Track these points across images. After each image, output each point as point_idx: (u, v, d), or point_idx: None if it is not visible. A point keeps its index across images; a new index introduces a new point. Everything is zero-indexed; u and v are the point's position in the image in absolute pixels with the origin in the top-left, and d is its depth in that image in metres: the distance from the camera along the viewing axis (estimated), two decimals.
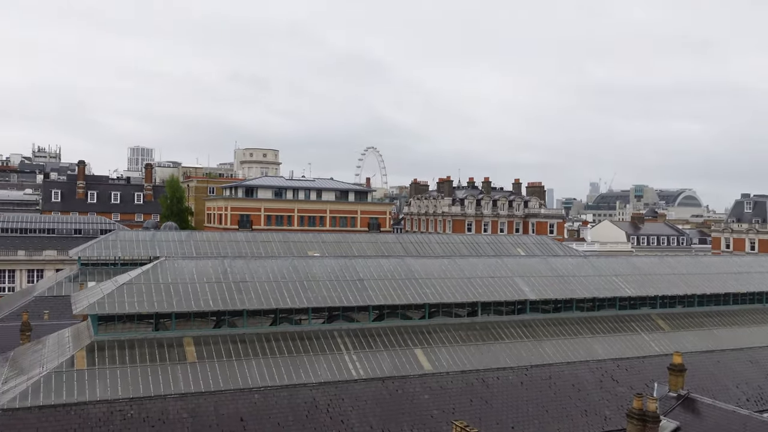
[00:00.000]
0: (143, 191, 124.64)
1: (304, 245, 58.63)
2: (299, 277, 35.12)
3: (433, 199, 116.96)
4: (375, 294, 35.23)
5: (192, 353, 29.54)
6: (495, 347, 34.95)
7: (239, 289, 32.95)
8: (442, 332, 35.16)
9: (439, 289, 36.88)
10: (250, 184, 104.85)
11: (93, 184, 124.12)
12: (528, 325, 37.47)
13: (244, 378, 28.77)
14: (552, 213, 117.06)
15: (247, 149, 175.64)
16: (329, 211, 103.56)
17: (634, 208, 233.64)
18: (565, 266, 42.83)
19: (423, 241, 62.75)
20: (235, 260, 35.89)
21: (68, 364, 27.35)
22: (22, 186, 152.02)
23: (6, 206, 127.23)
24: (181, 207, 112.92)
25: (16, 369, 29.45)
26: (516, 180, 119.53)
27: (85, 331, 30.82)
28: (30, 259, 78.73)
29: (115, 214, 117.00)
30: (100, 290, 31.32)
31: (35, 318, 44.55)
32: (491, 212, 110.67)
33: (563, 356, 35.47)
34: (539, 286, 39.55)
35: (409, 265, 39.05)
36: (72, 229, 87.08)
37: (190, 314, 31.31)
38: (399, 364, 31.95)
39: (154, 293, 31.04)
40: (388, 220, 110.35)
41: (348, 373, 30.54)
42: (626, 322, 40.03)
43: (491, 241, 65.57)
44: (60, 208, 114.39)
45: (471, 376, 32.38)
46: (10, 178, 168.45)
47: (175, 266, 33.59)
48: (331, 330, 33.32)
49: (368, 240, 61.73)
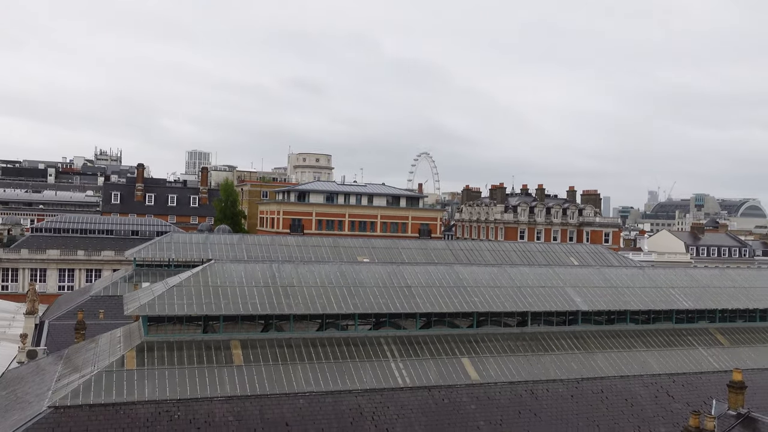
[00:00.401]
0: (199, 194, 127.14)
1: (354, 250, 58.61)
2: (347, 282, 35.01)
3: (485, 205, 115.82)
4: (422, 301, 34.85)
5: (239, 356, 29.70)
6: (545, 358, 34.14)
7: (287, 293, 33.03)
8: (490, 342, 34.54)
9: (488, 298, 36.27)
10: (302, 188, 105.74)
11: (151, 187, 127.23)
12: (579, 336, 36.51)
13: (289, 382, 28.76)
14: (608, 222, 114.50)
15: (300, 154, 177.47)
16: (380, 217, 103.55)
17: (694, 217, 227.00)
18: (620, 277, 41.63)
19: (473, 248, 62.03)
20: (283, 264, 36.03)
21: (118, 364, 27.82)
22: (84, 188, 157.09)
23: (68, 207, 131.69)
24: (235, 210, 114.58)
25: (69, 367, 30.12)
26: (570, 187, 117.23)
27: (136, 332, 31.35)
28: (89, 259, 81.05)
29: (172, 216, 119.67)
30: (151, 292, 31.80)
31: (91, 317, 45.73)
32: (544, 220, 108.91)
33: (616, 369, 34.41)
34: (592, 296, 38.52)
35: (458, 272, 38.55)
36: (129, 230, 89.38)
37: (238, 317, 31.53)
38: (446, 373, 31.48)
39: (203, 296, 31.34)
40: (439, 226, 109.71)
41: (394, 381, 30.24)
42: (683, 336, 38.63)
43: (544, 249, 64.35)
44: (119, 210, 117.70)
45: (519, 387, 31.69)
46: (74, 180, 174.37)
47: (224, 269, 33.89)
48: (377, 336, 33.09)
49: (418, 246, 61.32)
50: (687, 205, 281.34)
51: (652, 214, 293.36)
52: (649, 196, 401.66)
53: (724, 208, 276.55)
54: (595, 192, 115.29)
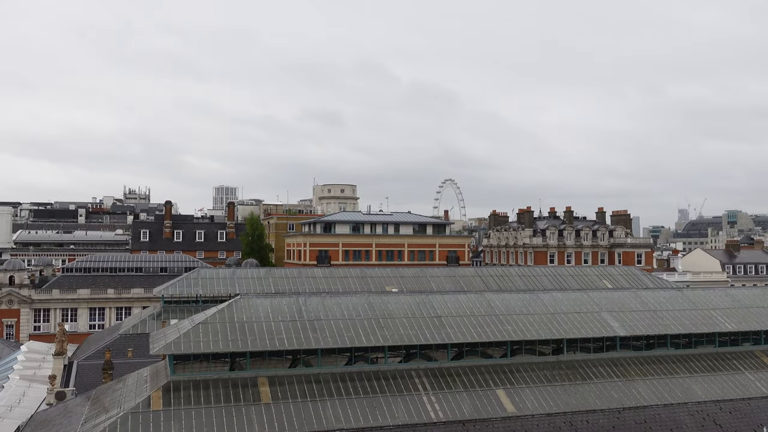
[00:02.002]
0: (226, 229, 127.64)
1: (382, 280, 57.85)
2: (375, 314, 34.22)
3: (513, 230, 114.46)
4: (453, 331, 33.88)
5: (267, 393, 28.98)
6: (583, 388, 32.84)
7: (314, 327, 32.33)
8: (525, 371, 33.37)
9: (521, 326, 35.18)
10: (328, 219, 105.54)
11: (179, 223, 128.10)
12: (618, 363, 35.15)
13: (319, 420, 27.93)
14: (639, 242, 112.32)
15: (325, 185, 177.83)
16: (407, 245, 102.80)
17: (728, 234, 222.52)
18: (657, 299, 40.24)
19: (503, 274, 60.88)
20: (310, 297, 35.39)
21: (145, 405, 27.26)
22: (114, 227, 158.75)
23: (98, 246, 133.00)
24: (262, 244, 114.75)
25: (96, 408, 29.66)
26: (599, 209, 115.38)
27: (162, 371, 30.82)
28: (119, 297, 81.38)
29: (200, 251, 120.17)
30: (177, 329, 31.34)
31: (119, 356, 45.45)
32: (574, 243, 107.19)
33: (659, 398, 32.96)
34: (629, 321, 37.19)
35: (489, 300, 37.56)
36: (158, 267, 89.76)
37: (265, 353, 30.88)
38: (480, 406, 30.37)
39: (229, 332, 30.78)
40: (467, 253, 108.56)
41: (426, 415, 29.22)
42: (727, 359, 37.03)
43: (575, 273, 62.93)
44: (148, 247, 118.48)
45: (558, 419, 30.44)
46: (103, 219, 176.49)
47: (250, 304, 33.34)
48: (408, 369, 32.15)
49: (447, 274, 60.35)
50: (719, 222, 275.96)
51: (684, 232, 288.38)
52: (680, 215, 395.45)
53: (758, 224, 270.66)
54: (625, 212, 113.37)
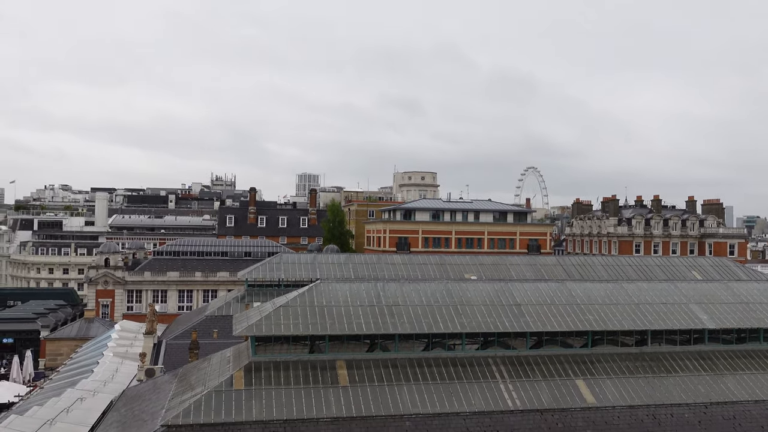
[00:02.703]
0: (308, 215, 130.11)
1: (461, 268, 57.52)
2: (453, 301, 34.12)
3: (596, 219, 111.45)
4: (533, 319, 33.38)
5: (344, 376, 29.43)
6: (667, 381, 31.74)
7: (392, 312, 32.54)
8: (606, 362, 32.54)
9: (603, 316, 34.29)
10: (408, 206, 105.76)
11: (263, 210, 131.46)
12: (706, 357, 33.76)
13: (395, 404, 28.14)
14: (732, 232, 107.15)
15: (405, 173, 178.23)
16: (487, 233, 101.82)
17: None
18: (750, 292, 38.36)
19: (586, 263, 59.39)
20: (388, 283, 35.63)
21: (227, 384, 28.20)
22: (201, 212, 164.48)
23: (187, 231, 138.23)
24: (342, 230, 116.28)
25: (183, 385, 30.92)
26: (690, 197, 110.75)
27: (245, 351, 31.78)
28: (205, 280, 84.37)
29: (282, 237, 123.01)
30: (259, 312, 32.21)
31: (205, 336, 47.13)
32: (662, 232, 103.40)
33: (749, 393, 31.47)
34: (719, 313, 35.63)
35: (570, 289, 36.77)
36: (243, 252, 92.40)
37: (344, 337, 31.32)
38: (559, 396, 29.85)
39: (309, 316, 31.39)
40: (548, 241, 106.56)
41: (503, 403, 28.95)
42: None
43: (662, 263, 60.70)
44: (233, 233, 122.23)
45: (640, 411, 29.55)
46: (191, 205, 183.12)
47: (329, 289, 33.88)
48: (485, 357, 31.93)
49: (527, 262, 59.41)
50: None
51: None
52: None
53: None
54: (717, 201, 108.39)
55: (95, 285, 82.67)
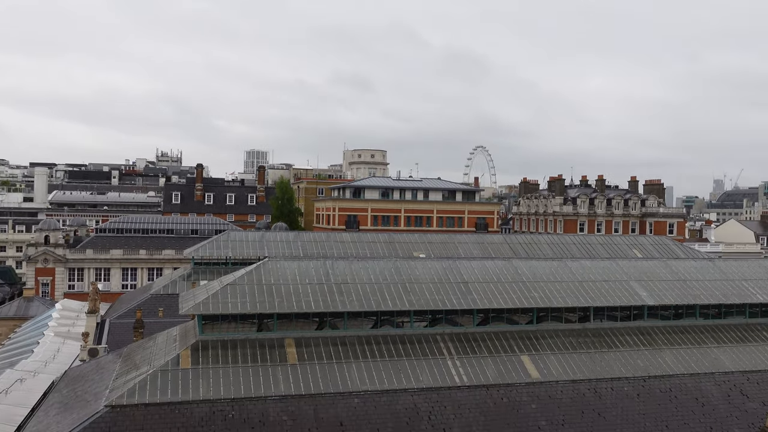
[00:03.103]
0: (256, 193, 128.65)
1: (410, 246, 57.87)
2: (401, 279, 34.32)
3: (543, 198, 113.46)
4: (480, 297, 33.87)
5: (293, 354, 29.38)
6: (608, 355, 32.72)
7: (341, 290, 32.56)
8: (550, 338, 33.33)
9: (548, 293, 35.03)
10: (357, 184, 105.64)
11: (210, 187, 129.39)
12: (645, 332, 34.91)
13: (344, 381, 28.28)
14: (672, 212, 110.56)
15: (355, 150, 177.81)
16: (436, 212, 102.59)
17: (764, 206, 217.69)
18: (688, 269, 39.72)
19: (532, 241, 60.48)
20: (337, 261, 35.60)
21: (174, 363, 27.83)
22: (146, 189, 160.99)
23: (131, 208, 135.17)
24: (291, 208, 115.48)
25: (127, 365, 30.38)
26: (632, 177, 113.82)
27: (191, 330, 31.39)
28: (150, 258, 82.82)
29: (230, 215, 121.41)
30: (206, 290, 31.81)
31: (150, 315, 46.40)
32: (605, 211, 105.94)
33: (685, 367, 32.71)
34: (658, 290, 36.81)
35: (517, 267, 37.41)
36: (189, 229, 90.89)
37: (292, 315, 31.25)
38: (504, 371, 30.47)
39: (257, 294, 31.16)
40: (496, 220, 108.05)
41: (451, 379, 29.41)
42: (757, 331, 36.53)
43: (605, 242, 62.27)
44: (179, 210, 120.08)
45: (582, 385, 30.42)
46: (136, 181, 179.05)
47: (278, 267, 33.66)
48: (433, 334, 32.31)
49: (475, 240, 60.13)
50: (755, 193, 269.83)
51: (718, 203, 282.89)
52: (715, 185, 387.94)
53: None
54: (659, 181, 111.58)
55: (34, 263, 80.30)
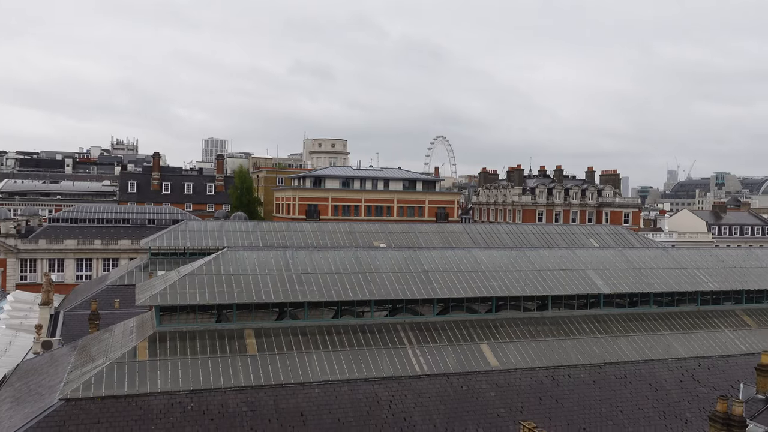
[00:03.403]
0: (215, 182, 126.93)
1: (370, 235, 57.95)
2: (362, 268, 34.31)
3: (502, 188, 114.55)
4: (440, 286, 34.09)
5: (253, 345, 29.17)
6: (566, 343, 33.30)
7: (301, 280, 32.41)
8: (509, 327, 33.74)
9: (507, 282, 35.43)
10: (318, 174, 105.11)
11: (167, 176, 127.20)
12: (601, 320, 35.60)
13: (304, 371, 28.20)
14: (627, 202, 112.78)
15: (315, 140, 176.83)
16: (396, 201, 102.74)
17: (715, 196, 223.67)
18: (642, 258, 40.59)
19: (491, 231, 61.09)
20: (297, 251, 35.40)
21: (130, 355, 27.38)
22: (101, 178, 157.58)
23: (85, 197, 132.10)
24: (251, 197, 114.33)
25: (83, 358, 29.78)
26: (589, 168, 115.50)
27: (149, 322, 30.91)
28: (106, 248, 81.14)
29: (188, 204, 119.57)
30: (163, 281, 31.32)
31: (106, 306, 45.54)
32: (563, 201, 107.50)
33: (640, 354, 33.49)
34: (614, 279, 37.54)
35: (476, 256, 37.72)
36: (146, 219, 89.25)
37: (252, 306, 30.97)
38: (464, 360, 30.76)
39: (216, 284, 30.81)
40: (456, 209, 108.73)
41: (411, 368, 29.57)
42: (709, 318, 37.59)
43: (563, 231, 63.27)
44: (136, 199, 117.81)
45: (540, 373, 30.91)
46: (90, 170, 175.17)
47: (237, 257, 33.33)
48: (394, 323, 32.41)
49: (435, 230, 60.50)
50: (707, 184, 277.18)
51: (672, 193, 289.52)
52: (669, 176, 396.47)
53: (745, 186, 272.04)
54: (615, 172, 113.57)
55: None
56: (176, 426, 24.65)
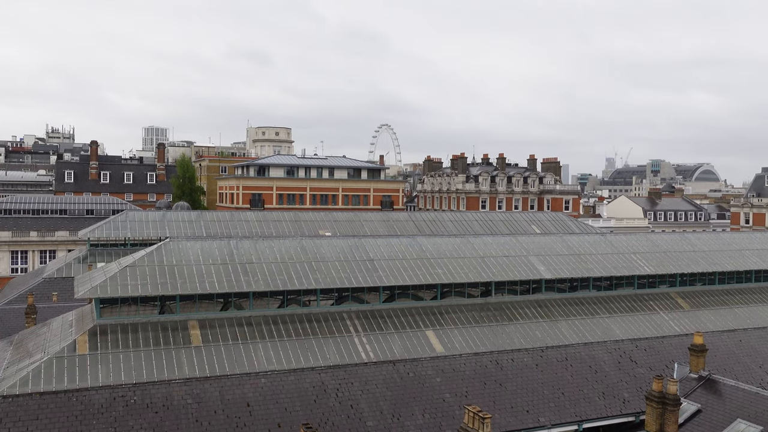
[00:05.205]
0: (156, 171, 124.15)
1: (316, 224, 57.81)
2: (307, 257, 34.23)
3: (446, 176, 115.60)
4: (385, 274, 34.29)
5: (197, 336, 28.82)
6: (509, 328, 33.98)
7: (246, 270, 32.14)
8: (454, 313, 34.23)
9: (451, 269, 35.88)
10: (262, 162, 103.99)
11: (106, 165, 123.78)
12: (543, 305, 36.44)
13: (250, 362, 28.03)
14: (567, 189, 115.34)
15: (259, 128, 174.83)
16: (341, 190, 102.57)
17: (651, 183, 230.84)
18: (582, 244, 41.65)
19: (436, 219, 61.67)
20: (241, 241, 35.05)
21: (70, 349, 26.71)
22: (36, 167, 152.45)
23: (20, 187, 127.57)
24: (193, 186, 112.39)
25: (19, 353, 28.90)
26: (531, 156, 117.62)
27: (89, 315, 30.18)
28: (42, 240, 78.59)
29: (128, 194, 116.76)
30: (104, 273, 30.61)
31: (44, 300, 44.23)
32: (506, 189, 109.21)
33: (580, 337, 34.45)
34: (555, 264, 38.44)
35: (421, 244, 38.05)
36: (84, 209, 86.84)
37: (196, 297, 30.57)
38: (410, 347, 31.08)
39: (158, 275, 30.28)
40: (401, 197, 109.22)
41: (358, 356, 29.73)
42: (645, 301, 38.89)
43: (505, 218, 64.34)
44: (73, 189, 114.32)
45: (484, 358, 31.48)
46: (24, 159, 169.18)
47: (180, 247, 32.80)
48: (340, 312, 32.49)
49: (380, 218, 60.74)
50: (644, 171, 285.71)
51: (610, 180, 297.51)
52: (607, 163, 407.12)
53: (679, 173, 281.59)
54: (555, 160, 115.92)
55: None
56: (119, 420, 24.20)
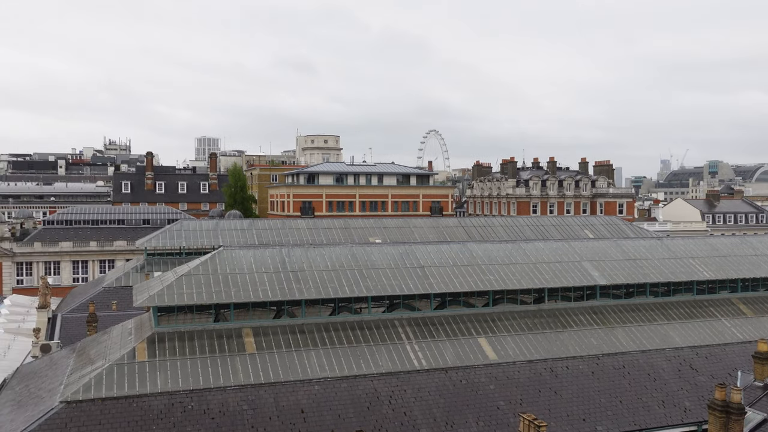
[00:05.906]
0: (208, 180, 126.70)
1: (366, 231, 58.03)
2: (358, 265, 34.39)
3: (496, 180, 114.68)
4: (436, 281, 34.18)
5: (251, 344, 29.23)
6: (563, 335, 33.45)
7: (298, 278, 32.46)
8: (507, 320, 33.88)
9: (503, 275, 35.55)
10: (311, 170, 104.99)
11: (161, 175, 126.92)
12: (598, 311, 35.76)
13: (303, 369, 28.28)
14: (621, 192, 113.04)
15: (308, 136, 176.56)
16: (390, 196, 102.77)
17: (709, 185, 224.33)
18: (637, 249, 40.75)
19: (486, 224, 61.22)
20: (293, 249, 35.43)
21: (130, 356, 27.42)
22: (95, 178, 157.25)
23: (79, 198, 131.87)
24: (245, 195, 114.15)
25: (82, 360, 29.79)
26: (583, 159, 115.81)
27: (147, 323, 30.92)
28: (101, 250, 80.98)
29: (182, 203, 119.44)
30: (160, 282, 31.34)
31: (103, 308, 45.52)
32: (557, 193, 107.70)
33: (637, 344, 33.67)
34: (609, 270, 37.70)
35: (472, 250, 37.82)
36: (141, 219, 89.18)
37: (249, 305, 31.01)
38: (462, 354, 30.89)
39: (213, 284, 30.84)
40: (450, 203, 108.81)
41: (410, 363, 29.68)
42: (705, 307, 37.79)
43: (557, 223, 63.44)
44: (130, 199, 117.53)
45: (538, 365, 31.05)
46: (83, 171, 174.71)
47: (233, 256, 33.35)
48: (391, 319, 32.50)
49: (430, 225, 60.62)
50: (700, 173, 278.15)
51: (666, 182, 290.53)
52: (662, 165, 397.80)
53: (738, 174, 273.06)
54: (608, 162, 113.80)
55: None
56: (177, 426, 24.71)
